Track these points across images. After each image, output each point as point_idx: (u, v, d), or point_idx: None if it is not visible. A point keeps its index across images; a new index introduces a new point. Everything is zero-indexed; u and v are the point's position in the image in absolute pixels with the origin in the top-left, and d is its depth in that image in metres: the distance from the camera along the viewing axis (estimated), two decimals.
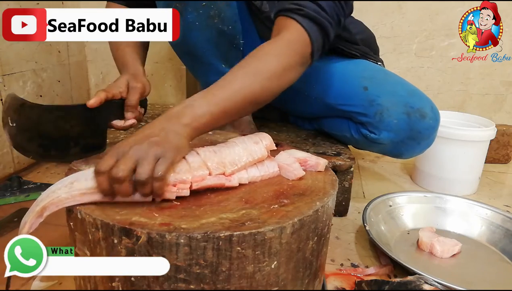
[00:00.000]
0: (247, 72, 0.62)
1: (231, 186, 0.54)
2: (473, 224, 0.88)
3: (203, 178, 0.51)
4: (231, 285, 0.45)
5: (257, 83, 0.61)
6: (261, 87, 0.62)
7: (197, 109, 0.55)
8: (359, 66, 0.93)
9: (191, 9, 0.79)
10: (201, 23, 0.81)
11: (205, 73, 0.93)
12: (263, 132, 0.63)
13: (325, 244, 0.56)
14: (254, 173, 0.57)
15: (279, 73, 0.64)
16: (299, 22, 0.68)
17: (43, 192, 0.49)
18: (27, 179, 1.05)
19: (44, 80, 1.21)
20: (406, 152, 0.89)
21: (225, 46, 0.87)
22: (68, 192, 0.47)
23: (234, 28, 0.85)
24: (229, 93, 0.58)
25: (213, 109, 0.56)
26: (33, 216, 0.47)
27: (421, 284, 0.60)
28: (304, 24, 0.68)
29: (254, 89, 0.61)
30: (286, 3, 0.70)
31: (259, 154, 0.57)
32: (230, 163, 0.54)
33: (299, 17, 0.68)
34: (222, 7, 0.81)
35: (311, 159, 0.62)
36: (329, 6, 0.70)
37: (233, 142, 0.58)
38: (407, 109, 0.83)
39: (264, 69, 0.63)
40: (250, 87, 0.61)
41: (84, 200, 0.47)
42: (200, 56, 0.87)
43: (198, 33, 0.82)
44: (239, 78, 0.61)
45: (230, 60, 0.91)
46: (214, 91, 0.58)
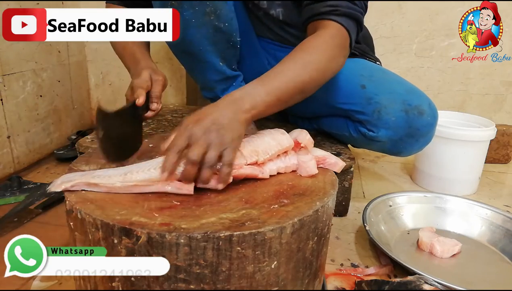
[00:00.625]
0: (296, 63, 0.67)
1: (263, 177, 0.57)
2: (473, 224, 0.88)
3: (240, 167, 0.55)
4: (231, 285, 0.45)
5: (306, 74, 0.66)
6: (310, 78, 0.67)
7: (256, 97, 0.60)
8: (358, 65, 0.93)
9: (187, 6, 0.79)
10: (197, 20, 0.81)
11: (202, 71, 0.93)
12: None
13: (325, 244, 0.56)
14: (280, 164, 0.60)
15: (325, 65, 0.70)
16: (336, 21, 0.73)
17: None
18: (27, 179, 1.05)
19: (44, 80, 1.21)
20: (405, 149, 0.89)
21: (222, 44, 0.87)
22: (123, 181, 0.51)
23: (231, 25, 0.86)
24: (282, 83, 0.63)
25: (269, 98, 0.61)
26: (82, 183, 0.51)
27: (421, 284, 0.60)
28: (342, 22, 0.73)
29: (304, 79, 0.66)
30: (318, 7, 0.74)
31: (287, 143, 0.60)
32: (262, 151, 0.57)
33: (335, 17, 0.73)
34: (218, 4, 0.81)
35: (330, 158, 0.64)
36: (358, 1, 0.75)
37: (261, 134, 0.62)
38: (405, 106, 0.83)
39: (312, 61, 0.68)
40: (300, 77, 0.66)
41: (134, 190, 0.51)
42: (197, 54, 0.88)
43: (195, 30, 0.82)
44: (291, 69, 0.66)
45: (227, 57, 0.91)
46: (269, 80, 0.63)
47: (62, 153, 1.22)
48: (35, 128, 1.18)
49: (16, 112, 1.10)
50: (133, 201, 0.49)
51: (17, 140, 1.11)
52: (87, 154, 0.65)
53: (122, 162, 0.60)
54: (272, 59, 0.99)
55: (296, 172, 0.61)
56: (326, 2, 0.74)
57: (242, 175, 0.55)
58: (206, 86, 0.98)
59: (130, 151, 0.64)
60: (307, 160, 0.60)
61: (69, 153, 1.21)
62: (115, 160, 0.59)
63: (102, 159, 0.59)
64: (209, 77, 0.93)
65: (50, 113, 1.25)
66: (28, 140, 1.16)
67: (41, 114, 1.21)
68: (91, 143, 0.92)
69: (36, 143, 1.19)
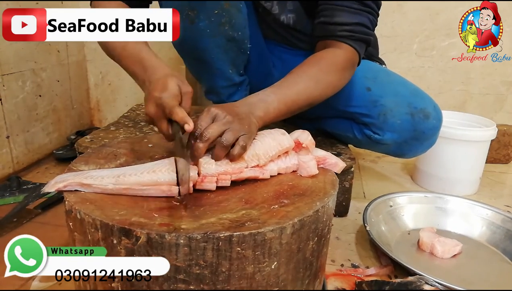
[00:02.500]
0: (311, 78, 0.71)
1: (264, 178, 0.57)
2: (474, 224, 0.88)
3: (241, 170, 0.55)
4: (231, 285, 0.44)
5: (318, 90, 0.72)
6: (320, 94, 0.73)
7: (269, 105, 0.64)
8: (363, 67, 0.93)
9: (203, 17, 0.79)
10: (212, 30, 0.82)
11: (211, 78, 0.93)
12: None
13: (326, 245, 0.56)
14: (280, 164, 0.60)
15: (335, 84, 0.76)
16: (351, 45, 0.77)
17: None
18: (26, 179, 1.05)
19: (43, 80, 1.20)
20: (409, 151, 0.89)
21: (234, 52, 0.88)
22: (115, 184, 0.50)
23: (243, 34, 0.87)
24: (294, 94, 0.68)
25: (281, 107, 0.65)
26: (75, 183, 0.50)
27: (421, 285, 0.60)
28: (356, 47, 0.77)
29: (314, 94, 0.71)
30: (336, 29, 0.77)
31: (287, 143, 0.60)
32: (263, 154, 0.58)
33: (351, 41, 0.77)
34: (233, 14, 0.82)
35: (331, 158, 0.64)
36: (371, 23, 0.80)
37: (261, 134, 0.62)
38: (410, 109, 0.83)
39: (325, 78, 0.73)
40: (312, 91, 0.71)
41: (126, 193, 0.51)
42: (209, 62, 0.88)
43: (209, 40, 0.83)
44: (304, 82, 0.70)
45: (237, 65, 0.91)
46: (282, 90, 0.67)
47: (61, 153, 1.22)
48: (34, 128, 1.18)
49: (15, 112, 1.10)
50: (133, 201, 0.49)
51: (16, 140, 1.11)
52: (87, 154, 0.65)
53: None
54: (278, 61, 0.99)
55: (296, 172, 0.61)
56: (343, 26, 0.76)
57: (243, 178, 0.56)
58: (212, 91, 0.98)
59: None
60: (308, 160, 0.60)
61: (68, 153, 1.21)
62: None
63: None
64: (217, 83, 0.94)
65: (49, 113, 1.25)
66: (27, 140, 1.15)
67: (40, 114, 1.21)
68: (90, 144, 0.92)
69: (35, 143, 1.19)
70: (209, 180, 0.53)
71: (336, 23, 0.77)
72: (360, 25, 0.77)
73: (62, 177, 0.52)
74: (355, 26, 0.77)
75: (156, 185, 0.50)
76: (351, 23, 0.76)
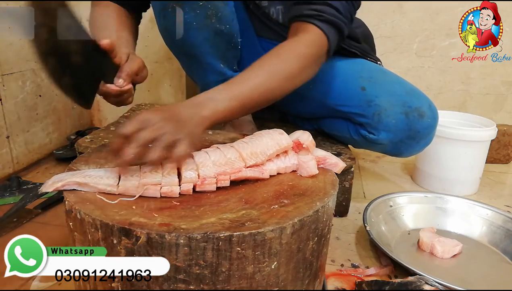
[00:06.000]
0: (266, 70, 0.66)
1: (263, 178, 0.57)
2: (474, 224, 0.88)
3: (240, 170, 0.55)
4: (231, 285, 0.44)
5: (275, 82, 0.66)
6: (278, 86, 0.67)
7: (218, 103, 0.59)
8: (358, 66, 0.93)
9: (188, 9, 0.79)
10: (199, 23, 0.81)
11: (203, 73, 0.93)
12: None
13: (326, 245, 0.56)
14: (280, 164, 0.60)
15: (296, 74, 0.69)
16: (319, 27, 0.72)
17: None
18: (26, 179, 1.05)
19: (43, 80, 1.20)
20: (405, 151, 0.89)
21: (223, 46, 0.87)
22: (112, 186, 0.51)
23: (232, 27, 0.86)
24: (248, 90, 0.63)
25: (232, 104, 0.60)
26: (73, 182, 0.51)
27: (421, 285, 0.60)
28: (324, 28, 0.72)
29: (271, 87, 0.66)
30: (303, 9, 0.73)
31: (285, 142, 0.60)
32: (261, 152, 0.57)
33: (318, 22, 0.72)
34: (219, 6, 0.81)
35: (331, 158, 0.64)
36: (343, 7, 0.75)
37: (259, 134, 0.61)
38: (405, 109, 0.83)
39: (283, 69, 0.67)
40: (268, 85, 0.65)
41: (125, 192, 0.50)
42: (198, 56, 0.87)
43: (196, 33, 0.82)
44: (259, 75, 0.65)
45: (228, 59, 0.91)
46: (235, 86, 0.62)
47: (61, 153, 1.22)
48: (34, 128, 1.18)
49: (15, 112, 1.10)
50: (133, 201, 0.49)
51: (16, 140, 1.11)
52: (87, 154, 0.65)
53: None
54: None
55: (296, 172, 0.61)
56: (311, 6, 0.73)
57: (242, 177, 0.55)
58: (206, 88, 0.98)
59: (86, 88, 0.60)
60: (308, 160, 0.60)
61: (68, 153, 1.20)
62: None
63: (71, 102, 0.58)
64: (209, 78, 0.93)
65: (49, 113, 1.25)
66: (27, 140, 1.15)
67: (40, 114, 1.20)
68: (90, 144, 0.92)
69: (35, 143, 1.19)
70: (209, 182, 0.52)
71: (305, 2, 0.74)
72: (329, 6, 0.73)
73: (59, 176, 0.52)
74: (324, 6, 0.73)
75: (156, 185, 0.50)
76: (320, 3, 0.73)
